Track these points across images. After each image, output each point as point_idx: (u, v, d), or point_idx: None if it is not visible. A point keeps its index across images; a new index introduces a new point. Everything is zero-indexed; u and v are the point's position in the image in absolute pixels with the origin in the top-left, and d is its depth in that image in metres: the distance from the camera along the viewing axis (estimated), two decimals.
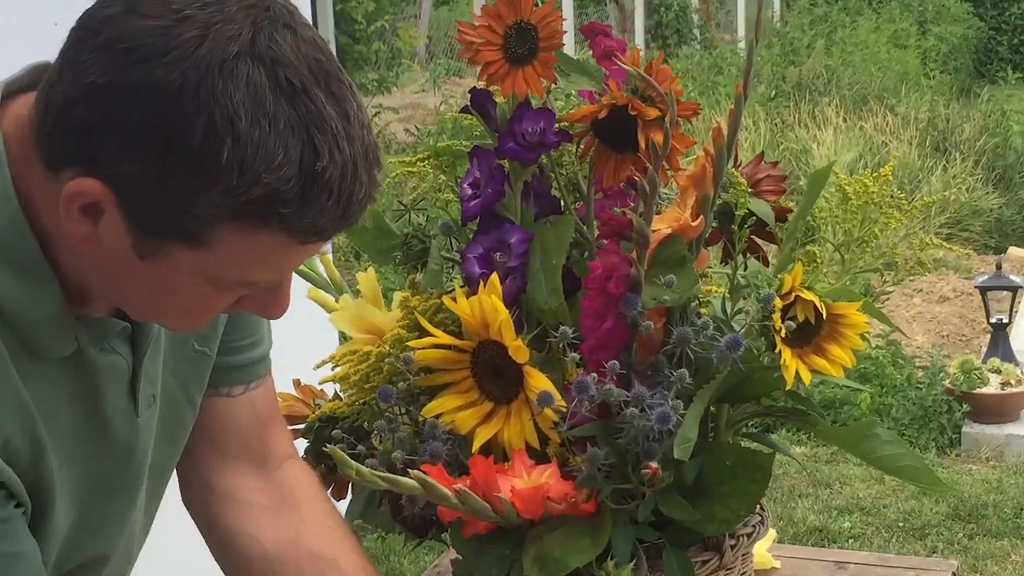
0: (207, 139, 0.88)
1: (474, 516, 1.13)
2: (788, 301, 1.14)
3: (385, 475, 1.09)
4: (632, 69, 1.16)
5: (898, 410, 4.55)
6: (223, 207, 0.91)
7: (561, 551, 1.11)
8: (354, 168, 0.93)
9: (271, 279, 1.01)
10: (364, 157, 0.94)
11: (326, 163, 0.91)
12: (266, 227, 0.92)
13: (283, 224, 0.92)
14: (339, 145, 0.92)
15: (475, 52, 1.20)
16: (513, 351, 1.14)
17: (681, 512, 1.15)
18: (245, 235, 0.93)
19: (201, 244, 0.93)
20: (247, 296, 1.02)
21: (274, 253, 0.96)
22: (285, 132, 0.90)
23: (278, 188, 0.90)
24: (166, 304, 1.02)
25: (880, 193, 1.24)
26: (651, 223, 1.14)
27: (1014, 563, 3.70)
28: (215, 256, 0.94)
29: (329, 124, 0.91)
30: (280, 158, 0.89)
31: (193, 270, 0.96)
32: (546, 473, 1.14)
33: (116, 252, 0.96)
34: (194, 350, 1.19)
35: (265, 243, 0.94)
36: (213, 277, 0.97)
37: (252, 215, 0.91)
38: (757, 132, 8.11)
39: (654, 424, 1.09)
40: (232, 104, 0.88)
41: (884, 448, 1.21)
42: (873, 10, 13.42)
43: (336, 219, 0.94)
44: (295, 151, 0.90)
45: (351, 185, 0.93)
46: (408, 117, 10.21)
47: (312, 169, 0.91)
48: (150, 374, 1.13)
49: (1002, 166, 7.95)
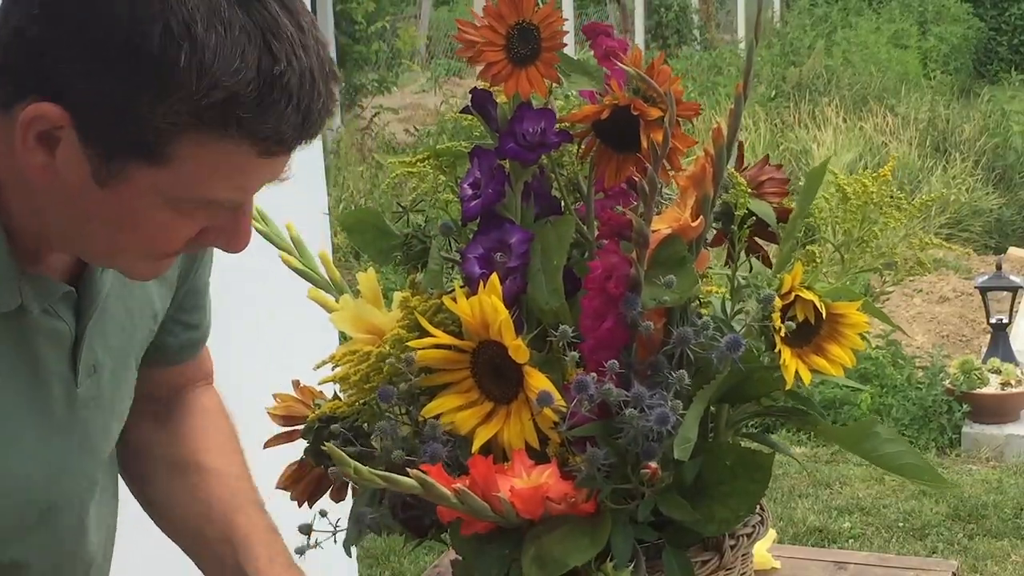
0: (165, 45, 0.88)
1: (474, 516, 1.13)
2: (788, 301, 1.14)
3: (384, 474, 1.08)
4: (633, 70, 1.16)
5: (898, 410, 4.55)
6: (183, 114, 0.90)
7: (560, 550, 1.11)
8: (311, 76, 0.93)
9: (233, 198, 0.99)
10: (321, 68, 0.94)
11: (284, 68, 0.91)
12: (226, 133, 0.91)
13: (243, 130, 0.92)
14: (296, 53, 0.92)
15: (477, 52, 1.20)
16: (513, 351, 1.14)
17: (681, 512, 1.15)
18: (205, 145, 0.92)
19: (162, 160, 0.92)
20: (209, 228, 1.00)
21: (235, 165, 0.95)
22: (241, 38, 0.90)
23: (238, 92, 0.90)
24: (127, 240, 0.99)
25: (880, 193, 1.24)
26: (651, 223, 1.14)
27: (1014, 563, 3.70)
28: (176, 172, 0.93)
29: (285, 32, 0.91)
30: (238, 62, 0.89)
31: (155, 191, 0.94)
32: (546, 473, 1.14)
33: (74, 183, 0.94)
34: (150, 329, 1.20)
35: (226, 153, 0.93)
36: (175, 198, 0.95)
37: (212, 121, 0.91)
38: (757, 132, 8.12)
39: (653, 424, 1.09)
40: (187, 10, 0.88)
41: (885, 446, 1.21)
42: (873, 10, 13.43)
43: (296, 126, 0.93)
44: (252, 56, 0.90)
45: (310, 92, 0.93)
46: (408, 117, 10.22)
47: (270, 74, 0.90)
48: (93, 343, 1.10)
49: (1002, 166, 7.95)
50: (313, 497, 1.35)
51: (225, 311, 1.54)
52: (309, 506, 1.34)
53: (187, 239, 1.01)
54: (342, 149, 8.06)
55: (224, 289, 1.57)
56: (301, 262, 1.41)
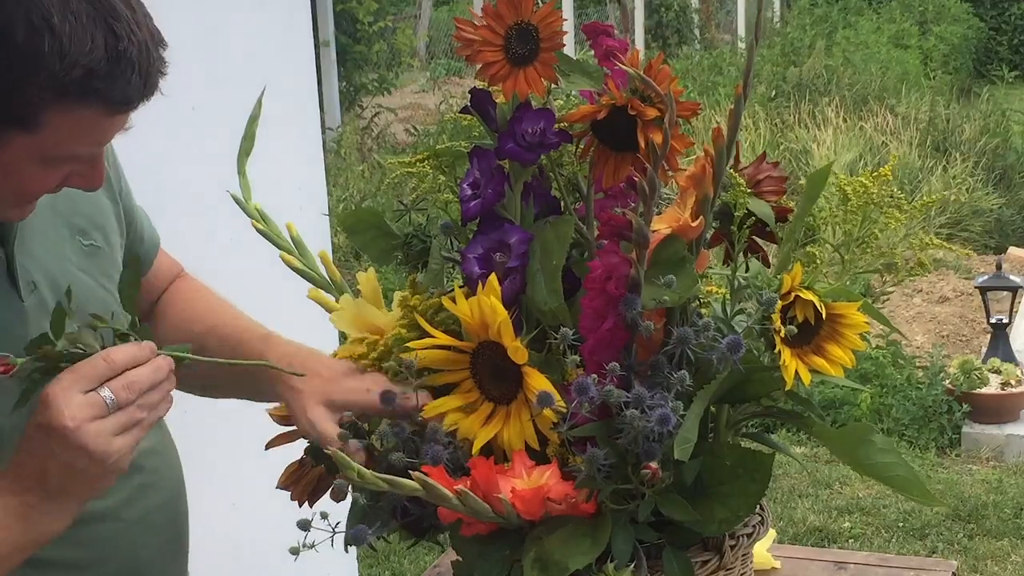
0: (29, 36, 1.08)
1: (475, 517, 1.13)
2: (787, 301, 1.14)
3: (387, 477, 1.08)
4: (631, 70, 1.16)
5: (898, 410, 4.55)
6: (49, 90, 1.10)
7: (561, 553, 1.11)
8: (147, 47, 1.14)
9: (92, 151, 1.20)
10: (152, 38, 1.15)
11: (126, 44, 1.12)
12: (85, 102, 1.12)
13: (99, 98, 1.12)
14: (132, 30, 1.12)
15: (475, 52, 1.20)
16: (512, 352, 1.14)
17: (681, 513, 1.15)
18: (68, 112, 1.12)
19: (34, 127, 1.12)
20: (71, 173, 1.20)
21: (92, 125, 1.15)
22: (89, 24, 1.10)
23: (92, 68, 1.10)
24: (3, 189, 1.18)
25: (880, 193, 1.24)
26: (650, 223, 1.14)
27: (1014, 563, 3.70)
28: (46, 136, 1.13)
29: (121, 13, 1.12)
30: (90, 44, 1.10)
31: (29, 152, 1.14)
32: (546, 474, 1.14)
33: None
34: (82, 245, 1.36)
35: (85, 118, 1.13)
36: (46, 156, 1.16)
37: (74, 93, 1.11)
38: (757, 132, 8.11)
39: (655, 425, 1.09)
40: (44, 7, 1.08)
41: (878, 456, 1.20)
42: (873, 10, 13.43)
43: (139, 89, 1.14)
44: (100, 37, 1.10)
45: (147, 60, 1.14)
46: (408, 117, 10.22)
47: (116, 50, 1.11)
48: (24, 264, 1.28)
49: (1002, 166, 7.95)
50: (313, 497, 1.35)
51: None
52: (310, 505, 1.34)
53: (54, 185, 1.21)
54: (342, 149, 8.06)
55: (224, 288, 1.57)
56: (302, 262, 1.41)
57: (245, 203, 1.41)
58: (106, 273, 1.37)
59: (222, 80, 2.27)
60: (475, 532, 1.15)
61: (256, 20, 2.42)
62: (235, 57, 2.35)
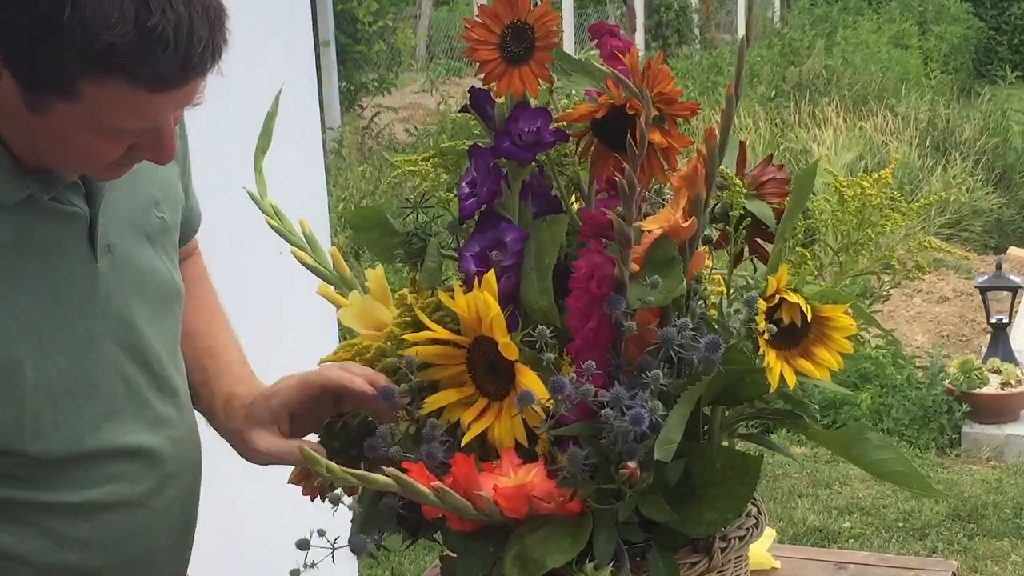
0: (54, 5, 1.05)
1: (455, 514, 1.13)
2: (773, 303, 1.13)
3: (358, 473, 1.09)
4: (609, 69, 1.16)
5: (898, 410, 4.55)
6: (74, 62, 1.07)
7: (540, 551, 1.11)
8: (190, 23, 1.08)
9: (145, 126, 1.16)
10: (201, 14, 1.09)
11: (158, 19, 1.06)
12: (113, 77, 1.08)
13: (127, 74, 1.08)
14: (171, 4, 1.07)
15: (472, 50, 1.21)
16: (503, 348, 1.15)
17: (660, 513, 1.15)
18: (101, 86, 1.09)
19: (72, 96, 1.10)
20: (136, 145, 1.17)
21: (132, 102, 1.11)
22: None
23: (114, 43, 1.06)
24: (69, 155, 1.17)
25: (879, 195, 1.24)
26: (631, 223, 1.14)
27: (1014, 563, 3.70)
28: (87, 107, 1.11)
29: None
30: (115, 16, 1.05)
31: (76, 120, 1.12)
32: (532, 472, 1.14)
33: (15, 109, 1.13)
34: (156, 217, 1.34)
35: (121, 92, 1.09)
36: (95, 126, 1.13)
37: (99, 67, 1.07)
38: (757, 132, 8.11)
39: (628, 425, 1.09)
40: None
41: (875, 452, 1.21)
42: (873, 10, 13.43)
43: (176, 68, 1.09)
44: (129, 10, 1.06)
45: (188, 38, 1.08)
46: (408, 117, 10.22)
47: (146, 25, 1.06)
48: (105, 226, 1.26)
49: (1002, 166, 7.95)
50: (324, 492, 1.35)
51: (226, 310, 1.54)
52: (322, 500, 1.35)
53: (119, 154, 1.17)
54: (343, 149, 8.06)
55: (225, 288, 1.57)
56: (313, 258, 1.42)
57: (260, 200, 1.42)
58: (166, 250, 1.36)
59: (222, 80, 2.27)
60: (460, 528, 1.16)
61: (256, 20, 2.42)
62: (235, 57, 2.35)
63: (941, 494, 1.39)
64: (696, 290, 1.21)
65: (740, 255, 1.28)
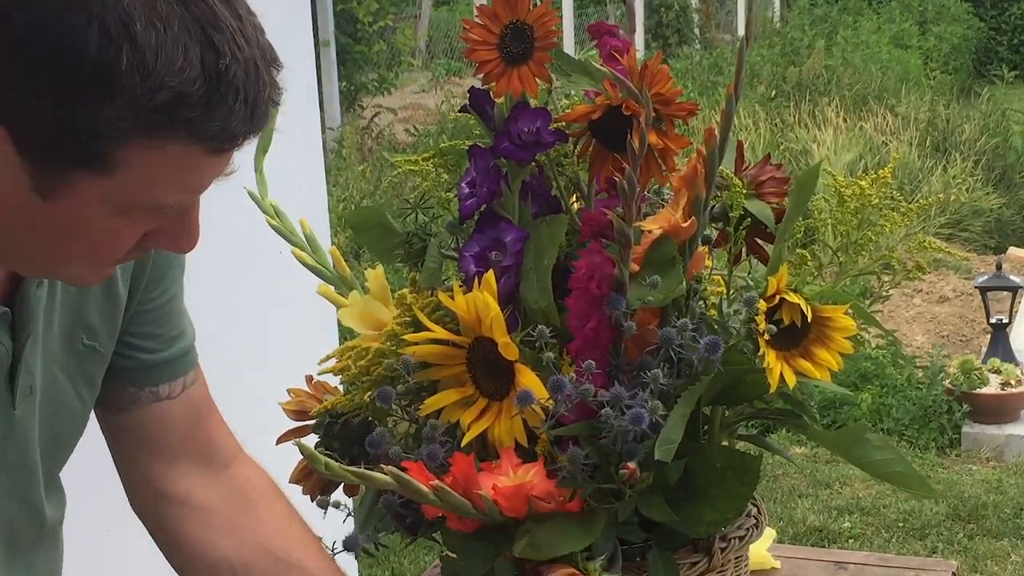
0: (103, 48, 0.83)
1: (455, 513, 1.13)
2: (773, 304, 1.14)
3: (357, 471, 1.09)
4: (608, 69, 1.16)
5: (898, 410, 4.55)
6: (128, 119, 0.85)
7: (553, 539, 1.11)
8: (256, 67, 0.89)
9: (183, 200, 0.95)
10: (263, 57, 0.91)
11: (228, 62, 0.87)
12: (174, 136, 0.87)
13: (191, 130, 0.88)
14: (238, 44, 0.88)
15: (471, 50, 1.21)
16: (502, 348, 1.15)
17: (660, 514, 1.15)
18: (153, 149, 0.88)
19: (108, 168, 0.88)
20: (155, 231, 0.97)
21: (184, 167, 0.91)
22: (182, 34, 0.85)
23: (183, 91, 0.85)
24: (72, 249, 0.95)
25: (878, 195, 1.24)
26: (631, 223, 1.14)
27: (1014, 563, 3.70)
28: (124, 179, 0.89)
29: (224, 23, 0.87)
30: (181, 60, 0.85)
31: (102, 200, 0.90)
32: (531, 472, 1.14)
33: (15, 198, 0.90)
34: (83, 344, 1.13)
35: (174, 155, 0.89)
36: (123, 205, 0.92)
37: (159, 124, 0.86)
38: (757, 132, 8.11)
39: (628, 425, 1.09)
40: (123, 8, 0.83)
41: (875, 453, 1.21)
42: (873, 10, 13.43)
43: (245, 121, 0.90)
44: (195, 52, 0.86)
45: (256, 84, 0.89)
46: (408, 117, 10.22)
47: (216, 69, 0.86)
48: (29, 364, 1.06)
49: (1002, 166, 7.95)
50: (325, 492, 1.36)
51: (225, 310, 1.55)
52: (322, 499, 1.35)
53: (132, 245, 0.97)
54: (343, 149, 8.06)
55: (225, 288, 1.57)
56: (314, 258, 1.42)
57: (261, 200, 1.42)
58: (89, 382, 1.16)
59: None
60: (459, 527, 1.16)
61: None
62: None
63: (940, 495, 1.39)
64: (696, 290, 1.22)
65: (740, 255, 1.28)
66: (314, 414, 1.34)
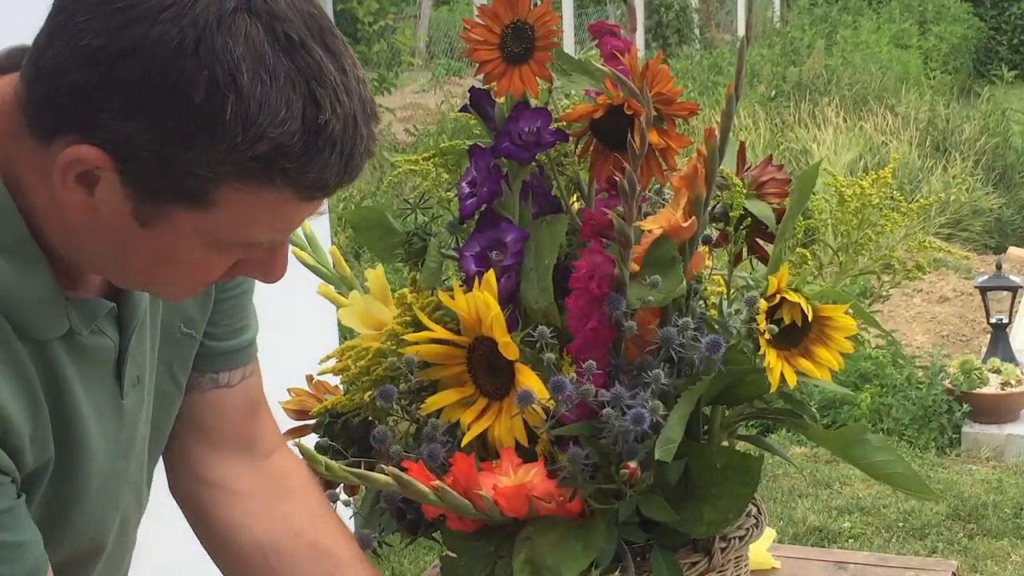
0: (210, 95, 0.87)
1: (455, 513, 1.13)
2: (774, 303, 1.14)
3: (358, 472, 1.09)
4: (609, 69, 1.16)
5: (898, 410, 4.55)
6: (227, 164, 0.90)
7: (553, 558, 1.11)
8: (354, 121, 0.93)
9: (273, 239, 1.00)
10: (363, 110, 0.94)
11: (328, 116, 0.91)
12: (271, 183, 0.92)
13: (287, 180, 0.92)
14: (339, 98, 0.91)
15: (472, 50, 1.21)
16: (503, 348, 1.15)
17: (661, 513, 1.15)
18: (249, 193, 0.92)
19: (204, 205, 0.93)
20: (245, 260, 1.02)
21: (277, 211, 0.95)
22: (286, 86, 0.89)
23: (283, 143, 0.89)
24: (166, 273, 1.00)
25: (879, 195, 1.24)
26: (632, 223, 1.14)
27: (1014, 563, 3.70)
28: (218, 217, 0.94)
29: (328, 77, 0.91)
30: (283, 112, 0.89)
31: (196, 233, 0.95)
32: (531, 472, 1.14)
33: (114, 221, 0.95)
34: (180, 332, 1.19)
35: (268, 200, 0.93)
36: (216, 240, 0.96)
37: (257, 172, 0.91)
38: (757, 132, 8.11)
39: (629, 425, 1.09)
40: (233, 59, 0.88)
41: (874, 454, 1.21)
42: (873, 10, 13.43)
43: (339, 172, 0.94)
44: (297, 105, 0.89)
45: (352, 138, 0.93)
46: (408, 117, 10.22)
47: (315, 123, 0.90)
48: (135, 355, 1.11)
49: (1002, 166, 7.95)
50: (327, 490, 1.36)
51: None
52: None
53: (222, 272, 1.02)
54: None
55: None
56: (313, 258, 1.42)
57: None
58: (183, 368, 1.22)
59: None
60: (460, 527, 1.16)
61: None
62: None
63: (938, 497, 1.39)
64: (696, 290, 1.22)
65: (740, 255, 1.28)
66: (314, 413, 1.34)
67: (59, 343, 1.04)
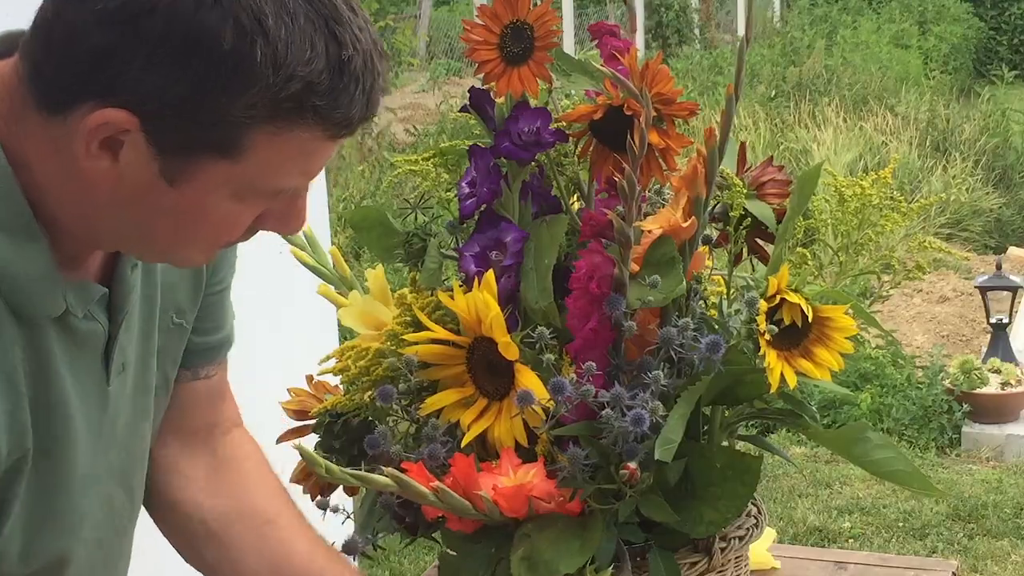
0: (238, 40, 0.90)
1: (455, 514, 1.13)
2: (774, 304, 1.14)
3: (357, 473, 1.09)
4: (608, 70, 1.16)
5: (898, 410, 4.55)
6: (260, 108, 0.92)
7: (551, 553, 1.11)
8: (371, 57, 0.96)
9: (299, 183, 1.02)
10: (376, 48, 0.97)
11: (351, 53, 0.94)
12: (302, 122, 0.94)
13: (318, 117, 0.94)
14: (357, 36, 0.95)
15: (472, 50, 1.21)
16: (503, 348, 1.15)
17: (661, 514, 1.15)
18: (280, 134, 0.94)
19: (235, 153, 0.94)
20: (266, 214, 1.03)
21: (305, 151, 0.97)
22: (307, 26, 0.92)
23: (312, 81, 0.92)
24: (193, 233, 1.01)
25: (879, 195, 1.24)
26: (632, 223, 1.14)
27: (1014, 563, 3.70)
28: (248, 164, 0.95)
29: (344, 16, 0.94)
30: (310, 52, 0.92)
31: (226, 183, 0.97)
32: (531, 472, 1.14)
33: (139, 184, 0.96)
34: (172, 322, 1.19)
35: (299, 141, 0.96)
36: (243, 189, 0.98)
37: (289, 112, 0.93)
38: (757, 132, 8.11)
39: (628, 425, 1.09)
40: (256, 4, 0.90)
41: (876, 452, 1.21)
42: (873, 10, 13.43)
43: (363, 107, 0.97)
44: (320, 44, 0.92)
45: (372, 73, 0.96)
46: (408, 117, 10.21)
47: (339, 60, 0.93)
48: (123, 342, 1.12)
49: (1002, 166, 7.95)
50: (326, 491, 1.36)
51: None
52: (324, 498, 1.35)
53: (246, 227, 1.03)
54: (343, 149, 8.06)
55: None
56: (313, 258, 1.42)
57: None
58: (173, 359, 1.22)
59: None
60: (459, 528, 1.16)
61: None
62: None
63: (942, 493, 1.39)
64: (696, 290, 1.22)
65: (740, 255, 1.28)
66: (314, 414, 1.34)
67: (51, 326, 1.04)
